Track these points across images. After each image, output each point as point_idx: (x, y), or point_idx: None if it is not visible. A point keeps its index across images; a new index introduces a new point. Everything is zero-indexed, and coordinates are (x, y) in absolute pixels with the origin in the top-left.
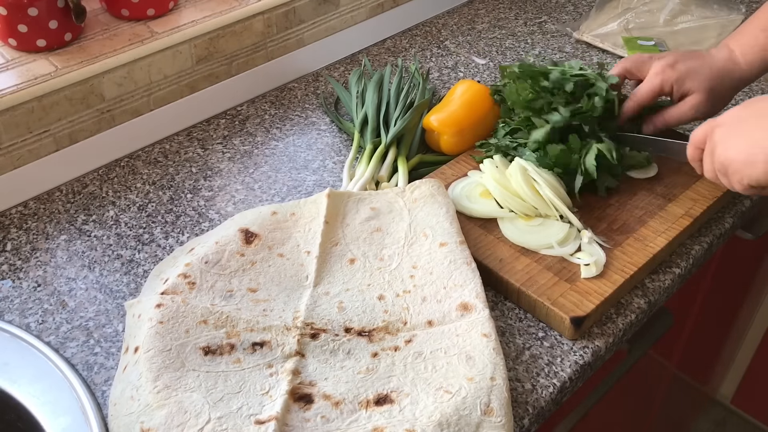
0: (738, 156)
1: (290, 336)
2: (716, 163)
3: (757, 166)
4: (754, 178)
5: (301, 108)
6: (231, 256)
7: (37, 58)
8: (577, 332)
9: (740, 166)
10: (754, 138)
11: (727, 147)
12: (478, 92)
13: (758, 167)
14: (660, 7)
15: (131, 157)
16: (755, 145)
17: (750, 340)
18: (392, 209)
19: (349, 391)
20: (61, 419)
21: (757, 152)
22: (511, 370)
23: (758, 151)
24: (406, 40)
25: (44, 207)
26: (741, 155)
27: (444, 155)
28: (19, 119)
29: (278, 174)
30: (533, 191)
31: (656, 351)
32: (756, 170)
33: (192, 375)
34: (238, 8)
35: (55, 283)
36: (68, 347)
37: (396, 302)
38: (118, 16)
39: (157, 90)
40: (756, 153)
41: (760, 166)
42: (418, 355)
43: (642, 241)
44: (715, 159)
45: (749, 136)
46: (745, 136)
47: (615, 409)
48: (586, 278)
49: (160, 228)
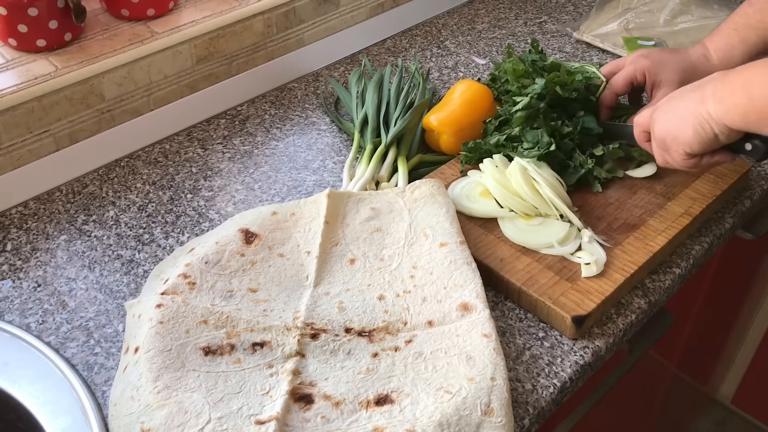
0: (671, 125)
1: (290, 336)
2: (657, 140)
3: (687, 130)
4: (687, 142)
5: (301, 108)
6: (231, 256)
7: (37, 58)
8: (578, 331)
9: (674, 134)
10: (683, 106)
11: (662, 122)
12: (478, 91)
13: (688, 131)
14: (660, 7)
15: (131, 157)
16: (684, 111)
17: (750, 340)
18: (392, 209)
19: (350, 392)
20: (61, 419)
21: (686, 116)
22: (512, 370)
23: (686, 115)
24: (406, 40)
25: (44, 207)
26: (673, 123)
27: (444, 155)
28: (19, 119)
29: (278, 174)
30: (533, 190)
31: (656, 351)
32: (687, 134)
33: (192, 375)
34: (238, 8)
35: (55, 283)
36: (68, 347)
37: (396, 302)
38: (118, 16)
39: (157, 90)
40: (684, 117)
41: (689, 129)
42: (419, 356)
43: (642, 240)
44: (656, 137)
45: (679, 107)
46: (676, 108)
47: (615, 409)
48: (587, 277)
49: (160, 228)
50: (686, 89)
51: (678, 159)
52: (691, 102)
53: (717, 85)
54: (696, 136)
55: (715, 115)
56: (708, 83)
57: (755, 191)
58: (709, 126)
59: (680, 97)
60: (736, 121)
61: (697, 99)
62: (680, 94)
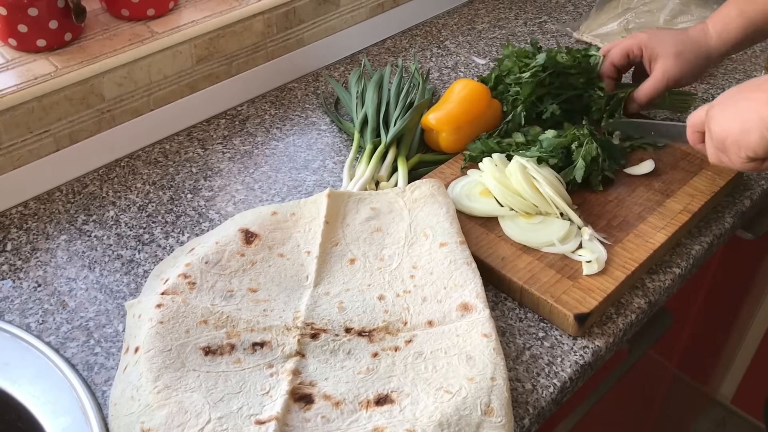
0: (732, 127)
1: (290, 336)
2: (714, 140)
3: (751, 134)
4: (751, 147)
5: (301, 108)
6: (231, 256)
7: (37, 58)
8: (580, 329)
9: (736, 136)
10: (746, 107)
11: (721, 122)
12: (476, 90)
13: (753, 135)
14: (660, 7)
15: (131, 157)
16: (747, 113)
17: (750, 340)
18: (392, 209)
19: (350, 391)
20: (61, 419)
21: (751, 119)
22: (512, 370)
23: (751, 118)
24: (406, 40)
25: (44, 207)
26: (735, 126)
27: (443, 154)
28: (19, 119)
29: (278, 174)
30: (533, 189)
31: (656, 351)
32: (751, 138)
33: (192, 375)
34: (238, 8)
35: (55, 283)
36: (68, 347)
37: (396, 302)
38: (118, 16)
39: (157, 90)
40: (749, 120)
41: (755, 133)
42: (419, 355)
43: (642, 237)
44: (713, 137)
45: (741, 108)
46: (736, 108)
47: (615, 409)
48: (588, 275)
49: (160, 228)
50: (746, 87)
51: (737, 162)
52: (756, 103)
53: None
54: (762, 140)
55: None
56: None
57: (755, 191)
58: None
59: (741, 96)
60: None
61: (762, 101)
62: (740, 92)
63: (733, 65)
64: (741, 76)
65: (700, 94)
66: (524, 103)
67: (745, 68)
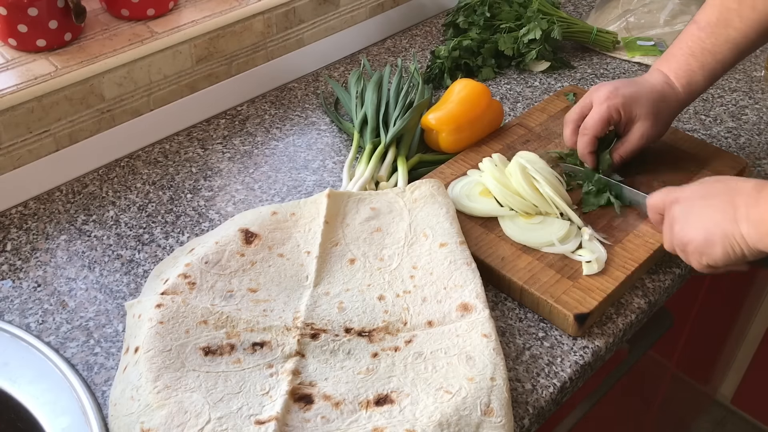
0: (697, 236)
1: (290, 336)
2: (675, 239)
3: (715, 248)
4: (713, 258)
5: (301, 108)
6: (231, 256)
7: (37, 58)
8: (580, 329)
9: (699, 245)
10: (712, 219)
11: (684, 226)
12: (475, 89)
13: (716, 249)
14: (660, 7)
15: (131, 157)
16: (713, 227)
17: (750, 340)
18: (392, 209)
19: (349, 392)
20: (61, 419)
21: (715, 232)
22: (512, 370)
23: (716, 232)
24: (406, 40)
25: (44, 207)
26: (699, 236)
27: (443, 154)
28: (19, 119)
29: (278, 174)
30: (533, 189)
31: (656, 351)
32: (714, 252)
33: (192, 375)
34: (238, 8)
35: (55, 283)
36: (68, 347)
37: (396, 302)
38: (118, 16)
39: (157, 90)
40: (714, 234)
41: (719, 248)
42: (419, 356)
43: (642, 238)
44: (675, 236)
45: (707, 217)
46: (703, 216)
47: (615, 409)
48: (588, 275)
49: (160, 228)
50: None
51: (696, 265)
52: (721, 218)
53: (750, 207)
54: (724, 255)
55: (749, 239)
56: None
57: None
58: (740, 248)
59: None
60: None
61: (728, 217)
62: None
63: None
64: (741, 76)
65: None
66: None
67: (745, 68)
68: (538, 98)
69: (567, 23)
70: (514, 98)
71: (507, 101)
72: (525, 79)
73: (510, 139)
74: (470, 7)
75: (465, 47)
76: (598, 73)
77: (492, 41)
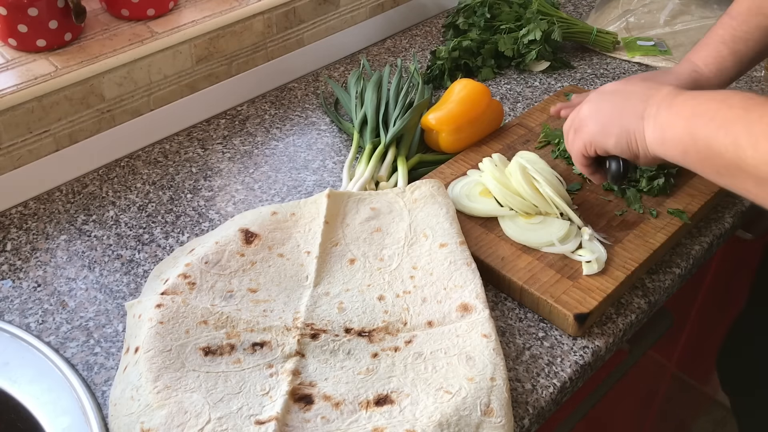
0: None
1: (290, 336)
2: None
3: (609, 138)
4: (601, 146)
5: (301, 108)
6: (231, 256)
7: (37, 58)
8: (580, 329)
9: (594, 131)
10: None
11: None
12: (475, 89)
13: (610, 140)
14: (660, 7)
15: (131, 157)
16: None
17: None
18: (392, 209)
19: (349, 392)
20: (61, 419)
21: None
22: (511, 370)
23: (617, 124)
24: (406, 40)
25: (44, 207)
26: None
27: (443, 154)
28: (19, 119)
29: (278, 174)
30: (533, 189)
31: (656, 351)
32: (607, 141)
33: (192, 375)
34: (238, 8)
35: (55, 283)
36: (68, 347)
37: (396, 303)
38: (118, 16)
39: (157, 90)
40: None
41: (612, 139)
42: (418, 356)
43: (642, 237)
44: (579, 115)
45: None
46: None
47: (615, 409)
48: (588, 275)
49: (160, 228)
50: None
51: (578, 146)
52: (629, 112)
53: (662, 108)
54: (616, 146)
55: (649, 140)
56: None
57: None
58: (636, 146)
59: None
60: (675, 156)
61: (636, 112)
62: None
63: None
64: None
65: None
66: None
67: None
68: (538, 98)
69: (567, 24)
70: (514, 98)
71: (507, 101)
72: (525, 79)
73: (510, 139)
74: (470, 8)
75: (465, 48)
76: (598, 73)
77: (492, 42)
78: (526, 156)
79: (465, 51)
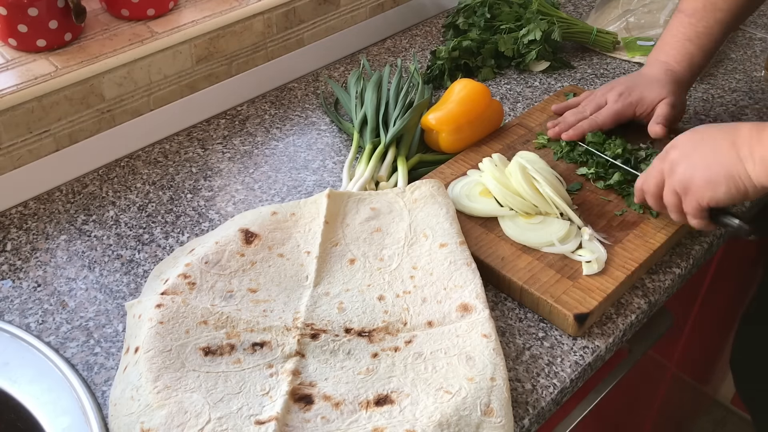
0: (701, 175)
1: (290, 336)
2: (676, 180)
3: (719, 187)
4: (716, 198)
5: (301, 108)
6: (231, 256)
7: (37, 58)
8: (580, 329)
9: (703, 185)
10: (716, 159)
11: (688, 167)
12: (475, 89)
13: (720, 188)
14: (660, 8)
15: (131, 157)
16: (717, 166)
17: None
18: (392, 209)
19: (350, 392)
20: (61, 419)
21: (720, 172)
22: (512, 370)
23: (720, 171)
24: (406, 40)
25: (44, 207)
26: (704, 175)
27: (443, 154)
28: (19, 119)
29: (278, 174)
30: (533, 189)
31: (656, 351)
32: (718, 191)
33: (192, 375)
34: (238, 8)
35: (55, 283)
36: (68, 347)
37: (396, 303)
38: (118, 16)
39: (157, 90)
40: (719, 173)
41: (722, 187)
42: (418, 356)
43: (642, 238)
44: (676, 176)
45: (711, 158)
46: (706, 156)
47: (615, 409)
48: (588, 275)
49: (160, 228)
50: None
51: (693, 206)
52: (724, 158)
53: (754, 147)
54: (727, 194)
55: (754, 176)
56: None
57: None
58: (744, 186)
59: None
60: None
61: (732, 157)
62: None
63: (733, 65)
64: (741, 76)
65: (700, 94)
66: None
67: (745, 68)
68: (538, 98)
69: (567, 24)
70: (514, 98)
71: (507, 101)
72: (525, 79)
73: (510, 139)
74: (470, 8)
75: (465, 48)
76: (598, 73)
77: (492, 42)
78: (526, 156)
79: (465, 51)
